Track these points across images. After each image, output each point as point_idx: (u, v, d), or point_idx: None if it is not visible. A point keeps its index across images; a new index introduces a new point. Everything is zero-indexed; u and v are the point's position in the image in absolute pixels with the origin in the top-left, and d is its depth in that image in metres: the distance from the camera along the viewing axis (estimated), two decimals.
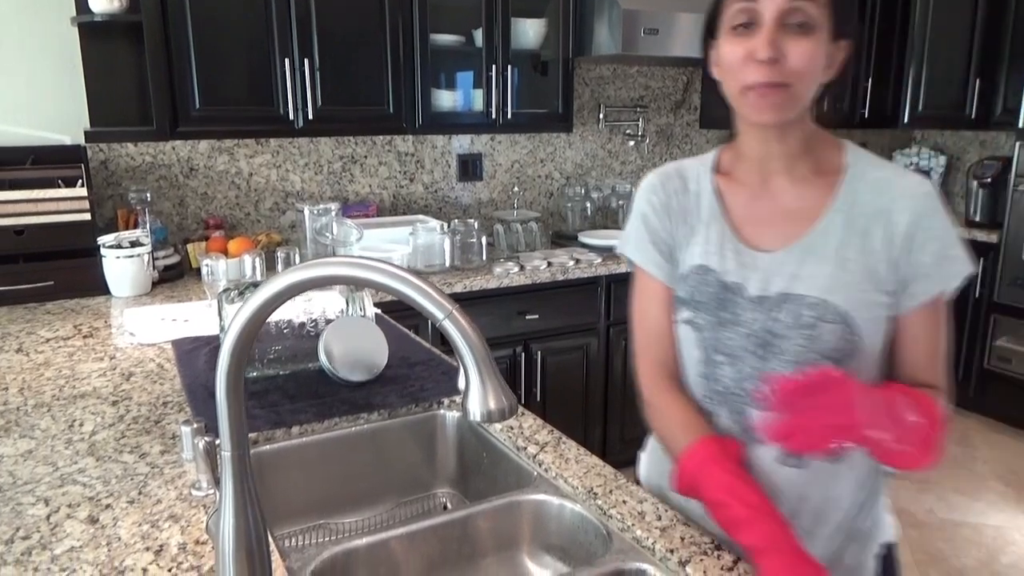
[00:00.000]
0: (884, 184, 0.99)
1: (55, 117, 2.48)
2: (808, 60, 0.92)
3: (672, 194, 1.10)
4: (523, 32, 2.87)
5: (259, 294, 0.71)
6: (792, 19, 0.91)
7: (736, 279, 1.03)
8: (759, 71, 0.92)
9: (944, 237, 0.97)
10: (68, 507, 1.05)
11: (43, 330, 1.94)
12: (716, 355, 1.04)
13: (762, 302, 1.01)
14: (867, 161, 1.02)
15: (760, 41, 0.91)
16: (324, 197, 2.94)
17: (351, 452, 1.35)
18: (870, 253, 0.97)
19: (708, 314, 1.04)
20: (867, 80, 3.79)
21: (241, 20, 2.40)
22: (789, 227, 1.02)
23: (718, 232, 1.05)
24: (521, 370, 2.71)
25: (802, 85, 0.93)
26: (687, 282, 1.07)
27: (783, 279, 1.00)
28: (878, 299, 0.98)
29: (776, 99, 0.93)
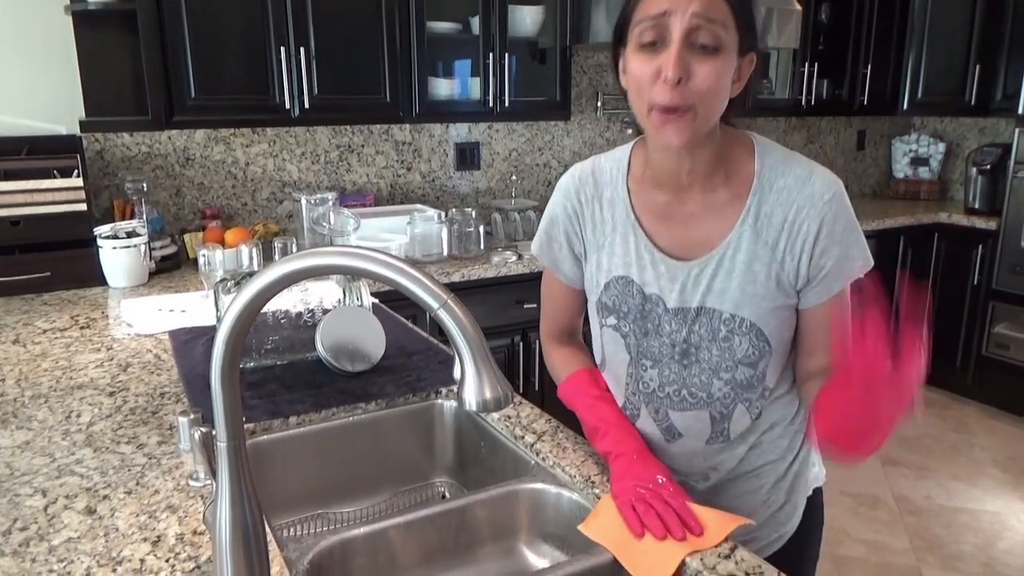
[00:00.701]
0: (790, 194, 1.00)
1: (50, 107, 2.46)
2: (715, 81, 0.91)
3: (586, 201, 1.13)
4: (520, 19, 2.86)
5: (254, 284, 0.71)
6: (700, 38, 0.90)
7: (655, 291, 1.07)
8: (665, 92, 0.91)
9: (846, 239, 1.00)
10: (65, 498, 1.05)
11: (40, 321, 1.93)
12: (642, 359, 1.12)
13: (681, 314, 1.06)
14: (775, 166, 1.02)
15: (667, 61, 0.90)
16: (321, 187, 2.93)
17: (349, 442, 1.35)
18: (777, 264, 1.01)
19: (633, 323, 1.10)
20: (866, 67, 3.78)
21: (236, 8, 2.38)
22: (702, 237, 1.04)
23: (634, 242, 1.08)
24: (519, 359, 2.71)
25: (708, 107, 0.93)
26: (609, 291, 1.12)
27: (698, 293, 1.04)
28: (785, 304, 1.04)
29: (681, 123, 0.93)
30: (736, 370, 1.07)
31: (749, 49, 0.96)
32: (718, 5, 0.90)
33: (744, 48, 0.95)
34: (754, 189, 1.02)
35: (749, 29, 0.94)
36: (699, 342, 1.06)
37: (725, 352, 1.05)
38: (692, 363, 1.08)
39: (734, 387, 1.08)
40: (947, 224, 3.78)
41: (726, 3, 0.91)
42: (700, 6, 0.89)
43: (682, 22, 0.89)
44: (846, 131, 4.29)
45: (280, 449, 1.30)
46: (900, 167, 4.35)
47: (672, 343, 1.08)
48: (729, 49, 0.92)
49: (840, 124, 4.26)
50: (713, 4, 0.90)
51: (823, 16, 3.65)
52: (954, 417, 3.67)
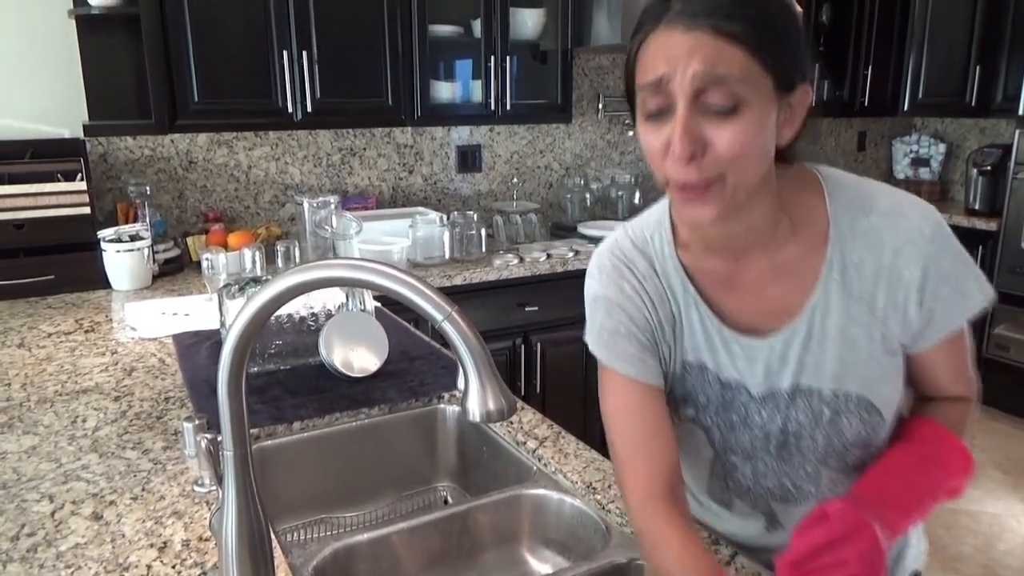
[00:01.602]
0: (879, 235, 0.82)
1: (53, 111, 2.47)
2: (739, 146, 0.73)
3: (645, 277, 0.91)
4: (522, 22, 2.86)
5: (259, 297, 0.72)
6: (711, 100, 0.72)
7: (734, 375, 0.90)
8: (679, 169, 0.74)
9: (957, 274, 0.83)
10: (72, 504, 1.06)
11: (45, 324, 1.95)
12: (730, 455, 0.94)
13: (771, 400, 0.89)
14: (852, 205, 0.84)
15: (674, 133, 0.73)
16: (323, 190, 2.94)
17: (352, 447, 1.36)
18: (878, 322, 0.84)
19: (715, 415, 0.92)
20: (867, 68, 3.79)
21: (239, 12, 2.39)
22: (778, 304, 0.87)
23: (700, 321, 0.89)
24: (521, 362, 2.72)
25: (740, 174, 0.75)
26: (684, 381, 0.93)
27: (788, 372, 0.87)
28: (894, 365, 0.87)
29: (707, 198, 0.76)
30: (847, 454, 0.89)
31: (795, 81, 0.76)
32: (726, 55, 0.71)
33: (786, 85, 0.75)
34: (832, 238, 0.83)
35: (786, 63, 0.74)
36: (799, 430, 0.89)
37: (832, 437, 0.88)
38: (793, 455, 0.91)
39: (846, 472, 0.91)
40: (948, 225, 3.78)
41: (740, 47, 0.71)
42: (702, 63, 0.71)
43: (683, 87, 0.72)
44: (847, 132, 4.30)
45: (284, 454, 1.31)
46: (901, 168, 4.36)
47: (766, 435, 0.91)
48: (755, 101, 0.73)
49: (841, 125, 4.27)
50: (719, 56, 0.71)
51: (824, 17, 3.66)
52: None
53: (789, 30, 0.74)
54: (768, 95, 0.74)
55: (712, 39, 0.70)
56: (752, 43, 0.71)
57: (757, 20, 0.72)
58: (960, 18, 3.77)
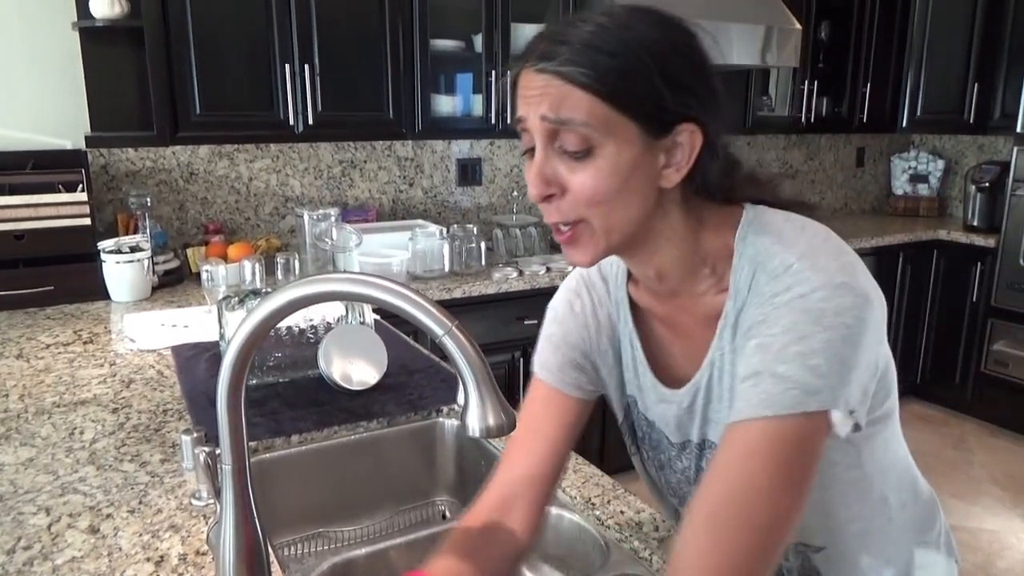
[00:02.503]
0: (770, 293, 0.73)
1: (56, 122, 2.48)
2: (592, 191, 0.72)
3: (599, 303, 0.91)
4: (523, 37, 2.87)
5: (258, 311, 0.72)
6: (563, 142, 0.72)
7: (656, 419, 0.89)
8: (544, 208, 0.75)
9: (784, 355, 0.68)
10: (69, 516, 1.06)
11: (43, 335, 1.94)
12: (668, 496, 0.96)
13: (686, 449, 0.88)
14: (756, 259, 0.75)
15: (531, 176, 0.74)
16: (324, 202, 2.95)
17: (350, 460, 1.36)
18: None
19: (649, 451, 0.94)
20: (865, 85, 3.81)
21: (242, 26, 2.40)
22: (690, 356, 0.83)
23: (631, 358, 0.89)
24: (520, 376, 2.72)
25: (601, 218, 0.73)
26: (629, 413, 0.94)
27: (695, 426, 0.84)
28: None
29: (574, 237, 0.75)
30: None
31: (669, 124, 0.72)
32: (572, 100, 0.70)
33: (655, 129, 0.72)
34: (731, 292, 0.77)
35: (650, 105, 0.71)
36: None
37: None
38: None
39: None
40: (946, 241, 3.79)
41: (586, 92, 0.69)
42: (548, 107, 0.71)
43: (536, 128, 0.73)
44: (845, 148, 4.32)
45: (282, 467, 1.31)
46: (899, 184, 4.37)
47: (688, 480, 0.89)
48: (609, 146, 0.71)
49: (840, 141, 4.28)
50: (565, 101, 0.70)
51: (823, 35, 3.69)
52: (953, 434, 3.67)
53: (660, 71, 0.70)
54: (630, 139, 0.71)
55: (560, 83, 0.70)
56: (600, 89, 0.69)
57: (609, 65, 0.69)
58: (958, 36, 3.80)
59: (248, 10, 2.39)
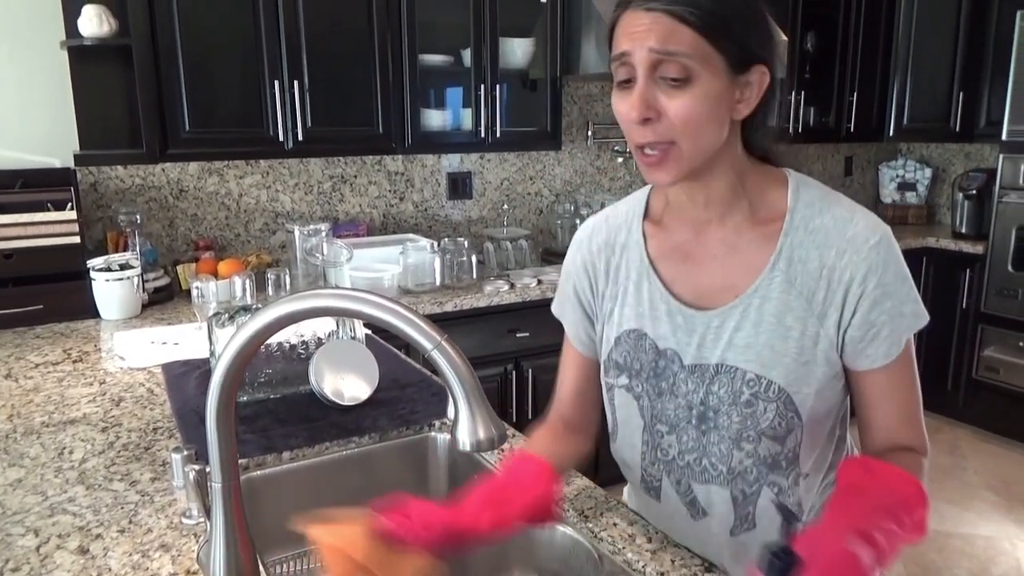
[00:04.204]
0: (827, 235, 0.88)
1: (45, 140, 2.48)
2: (687, 114, 0.82)
3: (596, 251, 1.04)
4: (511, 51, 2.90)
5: (248, 327, 0.72)
6: (665, 72, 0.82)
7: (671, 345, 0.96)
8: (638, 132, 0.85)
9: (897, 291, 0.87)
10: (58, 537, 1.05)
11: (32, 355, 1.93)
12: (658, 424, 1.00)
13: (698, 372, 0.95)
14: (811, 203, 0.91)
15: (632, 100, 0.84)
16: (314, 217, 2.95)
17: (342, 476, 1.35)
18: (815, 319, 0.89)
19: (646, 383, 0.99)
20: (852, 94, 3.84)
21: (231, 43, 2.41)
22: (725, 283, 0.93)
23: (648, 290, 0.98)
24: (512, 388, 2.72)
25: (690, 140, 0.84)
26: (620, 346, 1.01)
27: (719, 347, 0.93)
28: (822, 371, 0.90)
29: (665, 161, 0.86)
30: (759, 443, 0.93)
31: (749, 62, 0.84)
32: (678, 34, 0.81)
33: (738, 65, 0.84)
34: (786, 228, 0.90)
35: (738, 43, 0.83)
36: (718, 405, 0.94)
37: (747, 419, 0.92)
38: (710, 429, 0.95)
39: (757, 463, 0.94)
40: (935, 248, 3.81)
41: (690, 28, 0.80)
42: (656, 40, 0.81)
43: (641, 59, 0.82)
44: (833, 157, 4.35)
45: (273, 484, 1.30)
46: (888, 192, 4.40)
47: (689, 405, 0.96)
48: (704, 76, 0.82)
49: (828, 151, 4.31)
50: (671, 35, 0.81)
51: (808, 45, 3.72)
52: (946, 441, 3.68)
53: (743, 16, 0.83)
54: (719, 72, 0.83)
55: (667, 20, 0.81)
56: (702, 25, 0.81)
57: (709, 6, 0.81)
58: (943, 45, 3.84)
59: (237, 27, 2.40)
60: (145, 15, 2.26)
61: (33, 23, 2.42)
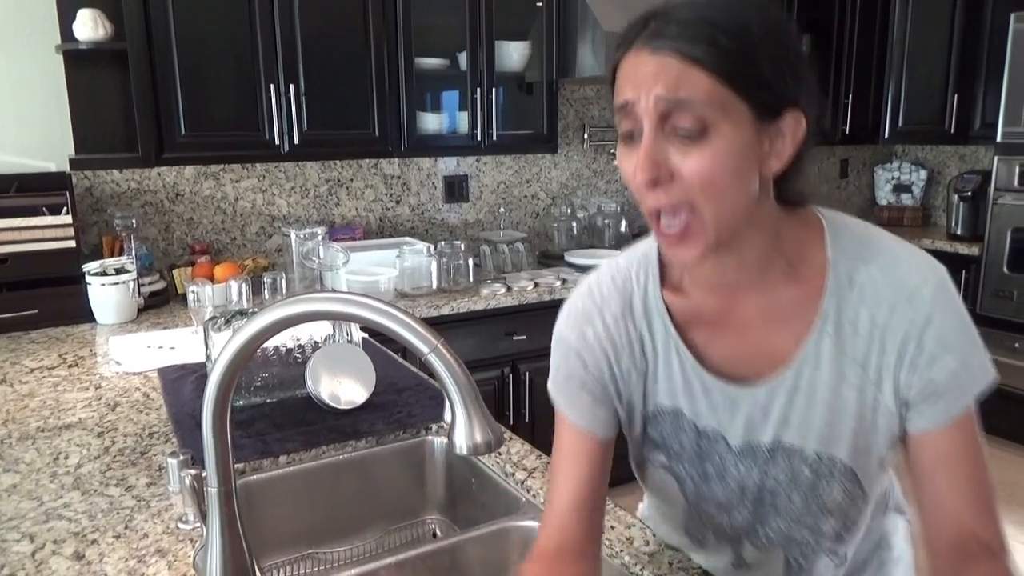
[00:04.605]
0: (876, 290, 0.76)
1: (40, 144, 2.47)
2: (706, 174, 0.69)
3: (613, 324, 0.86)
4: (507, 54, 2.90)
5: (244, 331, 0.71)
6: (677, 123, 0.69)
7: (712, 424, 0.84)
8: (649, 196, 0.72)
9: (958, 344, 0.76)
10: (54, 543, 1.04)
11: (28, 360, 1.92)
12: (704, 504, 0.91)
13: (749, 453, 0.84)
14: (853, 253, 0.78)
15: (639, 159, 0.70)
16: (310, 221, 2.94)
17: (339, 480, 1.35)
18: (871, 386, 0.78)
19: (689, 465, 0.88)
20: (847, 97, 3.85)
21: (226, 46, 2.41)
22: (766, 351, 0.81)
23: (679, 364, 0.84)
24: (509, 391, 2.72)
25: (712, 205, 0.71)
26: (656, 424, 0.89)
27: (771, 426, 0.81)
28: (884, 439, 0.80)
29: (685, 234, 0.72)
30: (823, 520, 0.85)
31: (780, 108, 0.71)
32: (691, 79, 0.68)
33: (768, 113, 0.70)
34: (830, 287, 0.77)
35: (765, 87, 0.70)
36: (775, 487, 0.84)
37: (809, 500, 0.83)
38: (768, 511, 0.86)
39: (818, 536, 0.87)
40: (931, 250, 3.75)
41: (706, 72, 0.68)
42: (664, 87, 0.68)
43: (648, 110, 0.69)
44: (829, 160, 4.36)
45: (269, 489, 1.30)
46: (883, 194, 4.41)
47: (741, 488, 0.86)
48: (725, 127, 0.69)
49: (823, 153, 4.32)
50: (683, 80, 0.68)
51: (803, 48, 3.73)
52: None
53: (772, 54, 0.70)
54: (743, 122, 0.69)
55: (677, 62, 0.68)
56: (720, 68, 0.68)
57: (728, 44, 0.68)
58: (937, 47, 3.85)
59: (233, 30, 2.40)
60: (140, 19, 2.26)
61: (28, 27, 2.42)
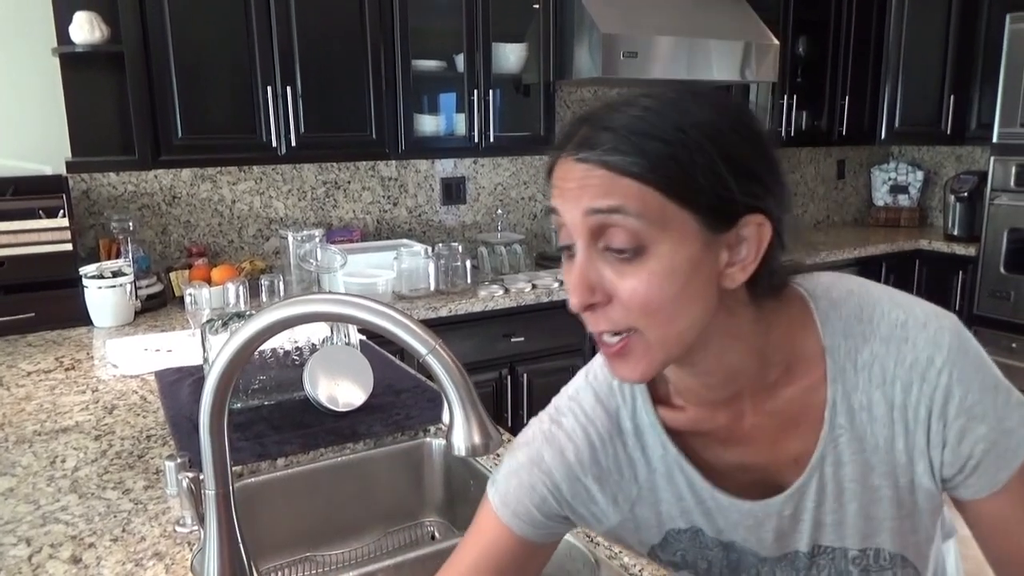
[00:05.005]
0: (883, 368, 0.68)
1: (36, 147, 2.47)
2: (643, 298, 0.62)
3: (601, 445, 0.77)
4: (504, 56, 2.90)
5: (241, 333, 0.71)
6: (610, 242, 0.62)
7: (737, 539, 0.77)
8: (588, 318, 0.65)
9: (988, 409, 0.67)
10: (50, 547, 1.04)
11: (24, 363, 1.92)
12: None
13: (787, 561, 0.77)
14: (849, 332, 0.70)
15: (572, 280, 0.64)
16: (308, 223, 2.94)
17: (337, 483, 1.35)
18: (902, 468, 0.70)
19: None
20: (843, 98, 3.86)
21: (223, 48, 2.41)
22: (781, 458, 0.73)
23: (687, 485, 0.75)
24: (507, 393, 2.71)
25: (655, 328, 0.63)
26: (672, 547, 0.80)
27: (804, 533, 0.74)
28: (928, 511, 0.73)
29: (623, 351, 0.65)
30: None
31: (733, 216, 0.63)
32: (620, 190, 0.60)
33: (718, 222, 0.62)
34: (831, 375, 0.69)
35: (714, 195, 0.61)
36: None
37: None
38: None
39: None
40: (927, 251, 3.83)
41: (635, 181, 0.60)
42: (589, 198, 0.61)
43: (576, 224, 0.63)
44: (826, 161, 4.36)
45: (268, 491, 1.29)
46: (880, 195, 4.42)
47: None
48: (665, 244, 0.61)
49: (820, 154, 4.33)
50: (611, 191, 0.61)
51: (800, 50, 3.73)
52: None
53: (720, 156, 0.61)
54: (688, 235, 0.62)
55: (603, 172, 0.61)
56: (653, 177, 0.60)
57: (660, 150, 0.60)
58: (933, 48, 3.86)
59: (230, 33, 2.40)
60: (137, 21, 2.26)
61: (24, 30, 2.41)
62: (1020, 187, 3.43)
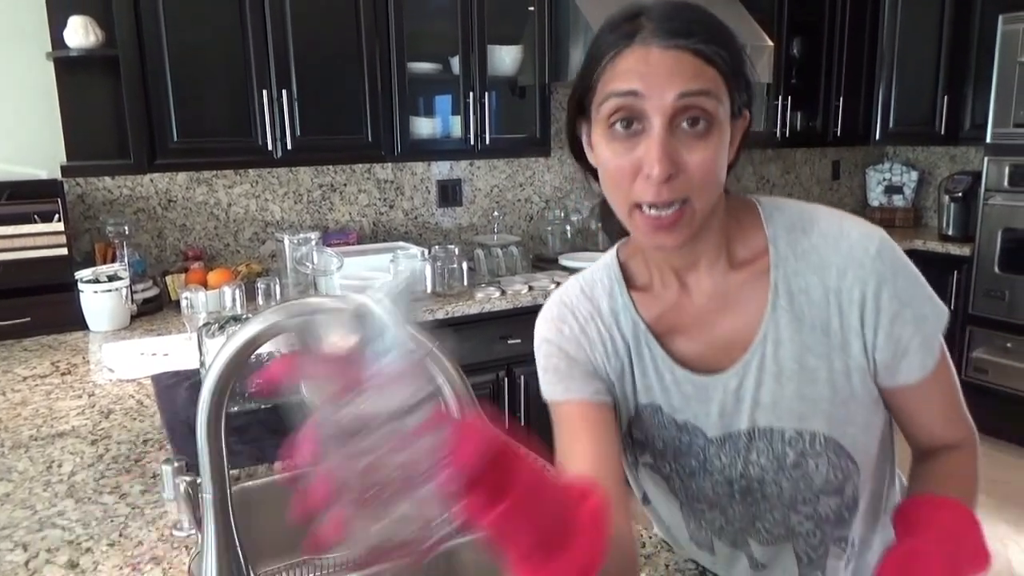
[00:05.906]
0: (820, 255, 0.79)
1: (31, 151, 2.46)
2: (710, 168, 0.72)
3: (584, 322, 0.88)
4: (499, 58, 2.90)
5: (237, 337, 0.71)
6: (690, 119, 0.71)
7: (688, 418, 0.85)
8: (650, 190, 0.72)
9: (914, 297, 0.79)
10: (47, 552, 1.04)
11: (20, 368, 1.91)
12: (696, 503, 0.90)
13: (729, 443, 0.84)
14: (791, 226, 0.81)
15: (651, 155, 0.71)
16: (304, 226, 2.94)
17: None
18: (837, 351, 0.79)
19: (673, 461, 0.88)
20: (838, 99, 3.87)
21: (218, 52, 2.41)
22: (728, 338, 0.82)
23: (651, 359, 0.85)
24: (504, 395, 2.71)
25: (705, 197, 0.74)
26: (639, 423, 0.89)
27: (744, 411, 0.82)
28: (863, 403, 0.81)
29: (676, 221, 0.73)
30: (817, 502, 0.84)
31: (742, 108, 0.77)
32: (706, 78, 0.71)
33: (738, 111, 0.76)
34: (773, 260, 0.80)
35: (742, 88, 0.76)
36: (761, 475, 0.83)
37: (798, 482, 0.82)
38: (758, 501, 0.85)
39: (819, 523, 0.86)
40: (922, 251, 3.84)
41: (715, 69, 0.72)
42: (684, 84, 0.70)
43: (663, 107, 0.70)
44: (821, 161, 4.37)
45: (265, 495, 1.29)
46: (875, 195, 4.43)
47: (727, 481, 0.86)
48: (723, 123, 0.73)
49: (815, 155, 4.34)
50: (700, 78, 0.71)
51: (795, 51, 3.74)
52: None
53: (746, 59, 0.77)
54: (727, 119, 0.74)
55: (692, 59, 0.70)
56: (726, 68, 0.72)
57: (727, 46, 0.73)
58: (927, 49, 3.87)
59: (225, 36, 2.40)
60: (132, 25, 2.26)
61: (18, 35, 2.41)
62: (1014, 187, 3.44)
